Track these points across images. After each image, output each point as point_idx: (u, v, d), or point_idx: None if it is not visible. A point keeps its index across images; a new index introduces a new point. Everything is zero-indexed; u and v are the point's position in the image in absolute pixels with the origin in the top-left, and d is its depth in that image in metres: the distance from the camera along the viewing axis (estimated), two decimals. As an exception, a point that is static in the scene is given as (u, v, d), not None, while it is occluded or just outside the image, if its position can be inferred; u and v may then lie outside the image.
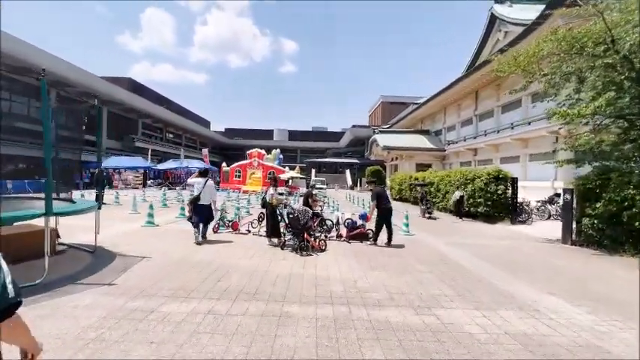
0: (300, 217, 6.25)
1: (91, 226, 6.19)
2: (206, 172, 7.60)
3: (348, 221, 7.88)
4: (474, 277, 5.13)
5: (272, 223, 6.86)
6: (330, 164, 65.84)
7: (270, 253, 6.19)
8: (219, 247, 6.65)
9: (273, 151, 32.55)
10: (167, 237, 7.38)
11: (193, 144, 66.81)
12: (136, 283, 4.27)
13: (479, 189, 12.94)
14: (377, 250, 6.98)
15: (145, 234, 7.62)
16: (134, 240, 6.90)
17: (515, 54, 8.55)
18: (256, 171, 29.40)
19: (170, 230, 8.21)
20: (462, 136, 30.59)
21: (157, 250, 6.12)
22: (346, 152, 73.81)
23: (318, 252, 6.37)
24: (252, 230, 8.32)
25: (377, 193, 7.62)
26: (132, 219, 9.84)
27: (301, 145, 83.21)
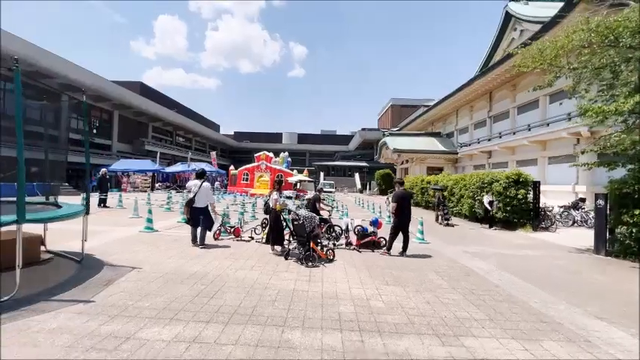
0: (305, 223, 5.67)
1: (90, 230, 5.73)
2: (202, 174, 7.11)
3: (358, 228, 7.26)
4: (505, 296, 4.46)
5: (275, 230, 6.31)
6: (338, 167, 65.18)
7: (273, 264, 5.62)
8: (217, 255, 6.11)
9: (281, 154, 32.13)
10: (164, 244, 6.89)
11: (203, 147, 67.12)
12: (118, 300, 3.75)
13: (497, 193, 12.17)
14: (390, 260, 6.34)
15: (141, 241, 7.15)
16: (128, 247, 6.42)
17: (541, 46, 7.83)
18: (264, 174, 28.99)
19: (169, 236, 7.72)
20: (475, 138, 29.68)
21: (151, 259, 5.62)
22: (355, 155, 73.09)
23: (325, 262, 5.77)
24: (255, 237, 7.77)
25: (398, 195, 6.95)
26: (131, 223, 9.41)
27: (310, 148, 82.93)
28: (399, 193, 6.94)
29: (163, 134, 55.21)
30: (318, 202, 7.97)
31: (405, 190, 7.12)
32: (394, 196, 6.95)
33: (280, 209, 6.05)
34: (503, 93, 25.01)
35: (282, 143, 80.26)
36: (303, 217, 5.72)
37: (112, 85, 37.60)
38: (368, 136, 61.37)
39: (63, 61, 29.93)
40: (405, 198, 6.91)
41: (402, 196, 6.89)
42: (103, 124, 41.32)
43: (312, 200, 8.13)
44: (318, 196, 8.13)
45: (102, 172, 13.79)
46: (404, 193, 6.98)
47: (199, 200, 6.85)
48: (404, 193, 6.98)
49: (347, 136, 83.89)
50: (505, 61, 20.27)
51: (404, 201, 6.86)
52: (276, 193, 6.40)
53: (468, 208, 14.11)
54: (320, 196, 8.14)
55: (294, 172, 30.77)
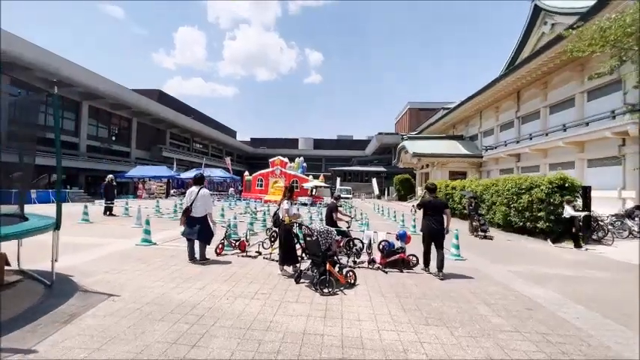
0: (320, 240, 4.62)
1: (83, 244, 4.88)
2: (200, 179, 6.21)
3: (383, 244, 6.11)
4: (597, 347, 3.24)
5: (285, 247, 5.28)
6: (355, 173, 63.89)
7: (281, 290, 4.58)
8: (216, 276, 5.13)
9: (296, 159, 31.27)
10: (159, 261, 5.98)
11: (219, 153, 67.43)
12: (70, 348, 2.80)
13: (538, 200, 10.74)
14: (425, 284, 5.17)
15: (133, 256, 6.27)
16: (116, 265, 5.54)
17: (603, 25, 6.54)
18: (279, 180, 28.16)
19: (165, 251, 6.82)
20: (501, 140, 27.93)
21: (135, 281, 4.70)
22: (372, 160, 71.64)
23: (345, 287, 4.69)
24: (263, 252, 6.77)
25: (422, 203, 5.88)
26: (130, 234, 8.61)
27: (326, 153, 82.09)
28: (426, 200, 5.83)
29: (181, 141, 55.70)
30: (334, 211, 6.88)
31: (435, 198, 5.94)
32: (420, 203, 5.85)
33: (291, 223, 5.01)
34: (532, 92, 23.32)
35: (298, 149, 79.79)
36: (318, 233, 4.66)
37: (130, 93, 38.02)
38: (385, 140, 59.87)
39: (83, 70, 30.32)
40: (430, 207, 5.77)
41: (425, 205, 5.77)
42: (122, 132, 41.84)
43: (328, 209, 7.05)
44: (335, 204, 7.02)
45: (108, 179, 13.21)
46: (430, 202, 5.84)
47: (197, 209, 5.94)
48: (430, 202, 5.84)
49: (363, 141, 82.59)
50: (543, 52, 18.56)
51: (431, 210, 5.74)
52: (286, 202, 5.39)
53: (501, 217, 12.65)
54: (337, 205, 7.04)
55: (309, 177, 29.80)
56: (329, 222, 6.98)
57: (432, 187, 6.07)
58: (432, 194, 5.99)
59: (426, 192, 6.09)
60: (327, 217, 7.02)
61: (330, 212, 6.94)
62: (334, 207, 6.93)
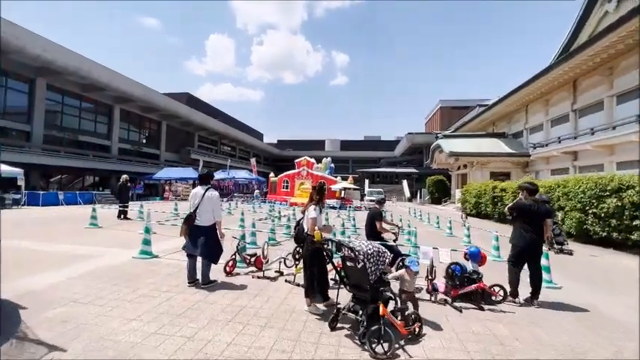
0: (368, 267, 3.03)
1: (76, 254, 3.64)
2: (206, 177, 4.84)
3: (454, 268, 4.35)
4: None
5: (314, 273, 3.70)
6: (384, 174, 61.44)
7: (308, 343, 3.01)
8: (217, 312, 3.64)
9: (323, 159, 29.78)
10: (148, 283, 4.61)
11: (246, 156, 67.47)
12: None
13: (631, 205, 8.48)
14: (530, 335, 3.40)
15: (121, 275, 4.95)
16: (92, 290, 4.22)
17: None
18: (305, 181, 26.78)
19: (164, 268, 5.45)
20: (552, 137, 24.94)
21: (101, 323, 3.30)
22: (401, 161, 68.85)
23: (407, 341, 3.06)
24: (285, 271, 5.24)
25: (520, 206, 4.23)
26: (134, 243, 7.32)
27: (353, 154, 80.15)
28: (525, 204, 4.11)
29: (209, 143, 56.11)
30: (378, 219, 5.25)
31: (536, 202, 4.21)
32: (514, 209, 4.13)
33: (321, 240, 3.40)
34: (593, 80, 20.36)
35: (325, 150, 78.43)
36: (364, 255, 3.06)
37: (160, 96, 38.36)
38: (416, 140, 57.02)
39: (115, 74, 30.64)
40: (531, 213, 4.05)
41: (525, 210, 4.06)
42: (152, 134, 42.45)
43: (369, 216, 5.43)
44: (379, 210, 5.36)
45: (122, 179, 12.28)
46: (531, 207, 4.12)
47: (202, 216, 4.54)
48: (531, 207, 4.12)
49: (392, 142, 79.84)
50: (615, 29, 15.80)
51: (530, 217, 4.05)
52: (314, 208, 3.80)
53: (575, 225, 10.39)
54: (381, 211, 5.38)
55: (337, 178, 28.19)
56: (370, 233, 5.36)
57: (532, 188, 4.34)
58: (532, 196, 4.25)
59: (524, 193, 4.35)
60: (368, 227, 5.40)
61: (371, 220, 5.31)
62: (377, 214, 5.29)
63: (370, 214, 5.43)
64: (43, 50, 23.50)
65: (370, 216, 5.39)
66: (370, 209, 5.66)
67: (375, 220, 5.25)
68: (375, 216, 5.27)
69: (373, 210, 5.48)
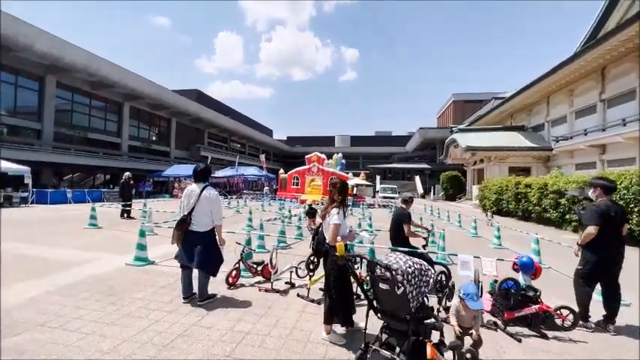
0: (409, 290, 2.26)
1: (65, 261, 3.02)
2: (203, 173, 4.05)
3: (509, 285, 3.49)
4: None
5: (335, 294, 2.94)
6: (396, 170, 60.25)
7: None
8: (212, 341, 2.93)
9: (334, 155, 28.94)
10: (136, 298, 3.94)
11: (256, 152, 67.10)
12: None
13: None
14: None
15: (108, 287, 4.31)
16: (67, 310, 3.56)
17: None
18: (316, 177, 26.03)
19: (159, 277, 4.78)
20: (576, 129, 23.56)
21: (72, 352, 2.64)
22: (413, 157, 67.45)
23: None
24: (296, 282, 4.51)
25: (602, 211, 3.42)
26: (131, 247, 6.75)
27: (363, 150, 78.94)
28: (603, 208, 3.28)
29: (219, 140, 55.86)
30: (406, 221, 4.45)
31: (613, 203, 3.38)
32: (593, 213, 3.30)
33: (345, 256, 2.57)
34: (625, 67, 18.95)
35: (335, 146, 77.39)
36: (403, 274, 2.28)
37: (170, 93, 38.07)
38: (429, 134, 55.59)
39: (124, 71, 30.37)
40: (618, 218, 3.24)
41: (608, 215, 3.23)
42: (162, 131, 42.33)
43: (395, 219, 4.63)
44: (407, 213, 4.56)
45: (125, 177, 11.72)
46: (617, 211, 3.31)
47: (198, 220, 3.82)
48: (617, 211, 3.31)
49: (403, 137, 78.28)
50: None
51: (611, 224, 3.20)
52: (337, 211, 2.98)
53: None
54: (409, 212, 4.57)
55: (349, 174, 27.34)
56: (396, 237, 4.57)
57: (610, 186, 3.52)
58: (608, 196, 3.43)
59: (596, 191, 3.53)
60: (394, 231, 4.59)
61: (398, 223, 4.51)
62: (405, 215, 4.48)
63: (396, 215, 4.63)
64: (50, 47, 23.26)
65: (397, 218, 4.58)
66: (395, 210, 4.86)
67: (404, 222, 4.45)
68: (403, 218, 4.47)
69: (399, 211, 4.68)
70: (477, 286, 2.80)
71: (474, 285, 2.77)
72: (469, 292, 2.64)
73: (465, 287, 2.71)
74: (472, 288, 2.68)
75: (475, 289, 2.68)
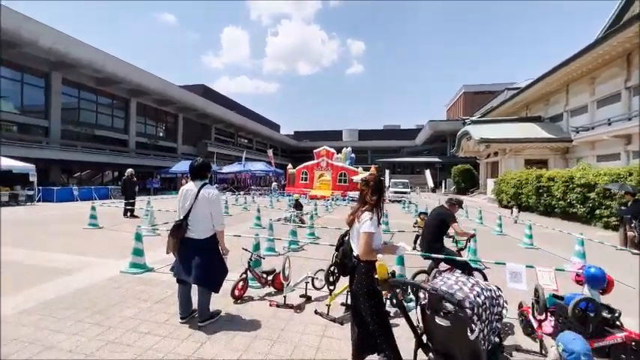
0: (480, 327, 1.62)
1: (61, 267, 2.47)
2: (201, 169, 3.38)
3: (586, 305, 2.76)
4: None
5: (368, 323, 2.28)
6: (405, 164, 59.19)
7: None
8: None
9: (343, 149, 28.21)
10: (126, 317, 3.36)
11: (263, 148, 66.60)
12: None
13: None
14: None
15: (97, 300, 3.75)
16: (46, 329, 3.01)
17: None
18: (325, 172, 25.38)
19: (155, 288, 4.21)
20: (598, 119, 22.36)
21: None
22: (423, 150, 66.26)
23: None
24: (312, 295, 3.89)
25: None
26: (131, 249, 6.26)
27: (372, 144, 77.80)
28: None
29: (226, 136, 55.49)
30: (450, 221, 3.85)
31: None
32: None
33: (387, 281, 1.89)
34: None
35: (343, 140, 76.46)
36: (473, 307, 1.63)
37: (176, 89, 37.66)
38: (439, 127, 54.33)
39: (129, 66, 29.98)
40: None
41: None
42: (169, 127, 42.07)
43: (435, 219, 4.00)
44: (450, 213, 3.95)
45: (127, 174, 11.20)
46: None
47: (197, 225, 3.21)
48: None
49: (412, 130, 76.90)
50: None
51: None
52: (369, 216, 2.30)
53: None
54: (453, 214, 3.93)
55: (358, 169, 26.60)
56: (436, 240, 3.94)
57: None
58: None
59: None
60: (434, 234, 3.96)
61: (439, 225, 3.89)
62: (451, 216, 3.87)
63: (437, 214, 4.06)
64: (54, 42, 22.90)
65: (438, 217, 4.01)
66: (436, 209, 4.23)
67: (448, 222, 3.89)
68: (447, 217, 3.91)
69: (441, 210, 4.09)
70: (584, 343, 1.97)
71: (582, 341, 1.99)
72: (576, 350, 1.90)
73: (567, 340, 1.98)
74: (580, 345, 1.93)
75: (585, 346, 1.93)
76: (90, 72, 27.20)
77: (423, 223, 6.11)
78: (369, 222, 2.26)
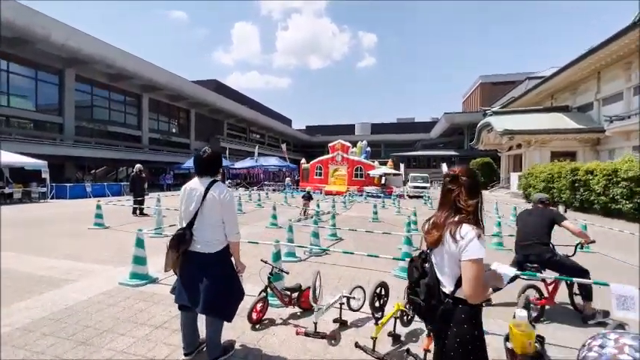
0: None
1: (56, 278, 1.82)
2: (209, 162, 2.63)
3: None
4: None
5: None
6: (421, 158, 57.65)
7: None
8: None
9: (358, 143, 27.27)
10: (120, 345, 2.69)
11: (276, 142, 66.15)
12: None
13: None
14: None
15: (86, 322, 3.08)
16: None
17: None
18: (340, 167, 24.52)
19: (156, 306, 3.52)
20: (636, 107, 20.72)
21: None
22: (438, 144, 64.51)
23: None
24: (348, 318, 3.11)
25: None
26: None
27: (385, 138, 76.25)
28: None
29: (238, 131, 55.22)
30: (560, 221, 3.38)
31: None
32: None
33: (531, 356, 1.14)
34: None
35: (355, 135, 75.21)
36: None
37: (188, 84, 37.35)
38: (456, 120, 52.58)
39: (141, 61, 29.67)
40: None
41: None
42: (181, 123, 41.95)
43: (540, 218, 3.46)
44: (557, 211, 3.45)
45: (135, 170, 10.62)
46: None
47: (203, 234, 2.46)
48: None
49: (427, 123, 74.98)
50: None
51: None
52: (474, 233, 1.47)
53: None
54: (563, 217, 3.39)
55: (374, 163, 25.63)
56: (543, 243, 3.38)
57: None
58: None
59: None
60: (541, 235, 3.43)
61: (548, 226, 3.38)
62: (558, 215, 3.44)
63: (542, 213, 3.51)
64: (67, 38, 22.67)
65: (547, 217, 3.46)
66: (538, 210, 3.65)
67: (558, 222, 3.39)
68: (558, 217, 3.42)
69: (544, 210, 3.54)
70: None
71: None
72: None
73: None
74: None
75: None
76: (102, 68, 27.01)
77: None
78: (477, 242, 1.45)
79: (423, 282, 1.60)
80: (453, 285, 1.52)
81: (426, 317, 1.64)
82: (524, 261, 3.46)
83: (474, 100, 69.68)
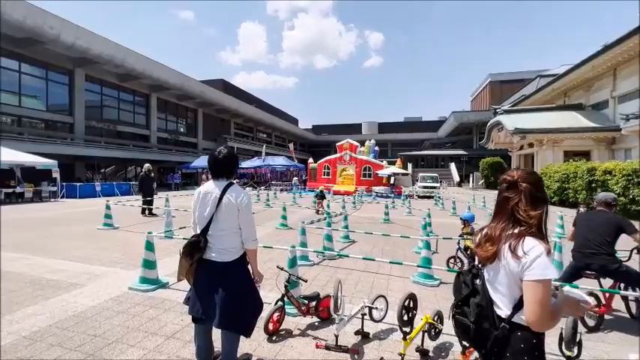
0: None
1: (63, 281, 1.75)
2: (226, 163, 2.41)
3: None
4: None
5: None
6: (429, 157, 57.04)
7: None
8: None
9: (366, 142, 26.97)
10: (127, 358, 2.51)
11: (283, 142, 66.15)
12: None
13: None
14: None
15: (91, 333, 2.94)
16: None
17: None
18: (348, 166, 24.28)
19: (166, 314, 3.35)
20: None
21: None
22: (446, 143, 63.74)
23: None
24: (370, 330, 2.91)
25: None
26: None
27: (392, 137, 75.70)
28: None
29: (245, 130, 55.32)
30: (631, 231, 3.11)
31: None
32: None
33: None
34: None
35: (362, 134, 74.79)
36: None
37: (196, 83, 37.47)
38: (465, 118, 51.86)
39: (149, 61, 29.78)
40: None
41: None
42: (189, 122, 42.12)
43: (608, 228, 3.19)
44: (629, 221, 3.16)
45: (144, 169, 10.53)
46: None
47: (219, 242, 2.29)
48: None
49: (434, 122, 74.24)
50: None
51: None
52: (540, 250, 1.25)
53: None
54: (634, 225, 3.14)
55: (383, 162, 25.32)
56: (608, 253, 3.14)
57: None
58: None
59: None
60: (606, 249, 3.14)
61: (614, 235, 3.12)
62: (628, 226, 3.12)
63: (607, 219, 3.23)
64: (76, 38, 22.81)
65: (614, 225, 3.17)
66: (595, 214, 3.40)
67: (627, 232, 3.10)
68: (626, 226, 3.11)
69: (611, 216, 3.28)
70: None
71: None
72: None
73: None
74: None
75: None
76: (111, 68, 27.17)
77: (468, 230, 5.06)
78: (545, 260, 1.24)
79: (473, 301, 1.38)
80: (511, 307, 1.31)
81: (476, 342, 1.42)
82: (585, 269, 3.25)
83: (482, 98, 68.74)
